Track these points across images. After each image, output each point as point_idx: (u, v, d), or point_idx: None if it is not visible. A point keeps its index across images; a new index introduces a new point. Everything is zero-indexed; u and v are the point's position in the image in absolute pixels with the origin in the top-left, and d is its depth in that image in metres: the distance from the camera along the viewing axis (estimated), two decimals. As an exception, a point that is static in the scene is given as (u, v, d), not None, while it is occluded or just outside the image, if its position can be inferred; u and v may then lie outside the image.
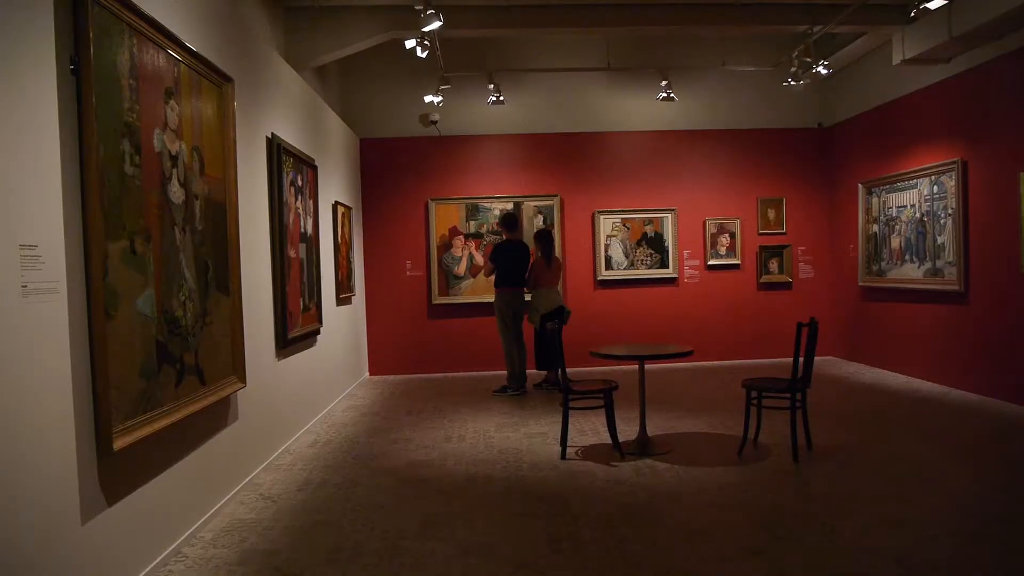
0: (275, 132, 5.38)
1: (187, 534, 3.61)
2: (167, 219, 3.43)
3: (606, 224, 9.31)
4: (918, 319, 7.79)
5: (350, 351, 8.17)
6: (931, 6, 5.81)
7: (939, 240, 7.37)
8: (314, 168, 6.50)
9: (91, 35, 2.76)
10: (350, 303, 8.17)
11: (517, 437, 5.70)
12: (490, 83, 8.55)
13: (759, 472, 4.61)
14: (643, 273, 9.35)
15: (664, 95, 8.53)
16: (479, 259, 9.07)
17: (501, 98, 8.59)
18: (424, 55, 6.55)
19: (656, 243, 9.36)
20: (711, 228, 9.41)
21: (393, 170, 9.17)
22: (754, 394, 5.01)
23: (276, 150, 5.32)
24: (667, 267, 9.37)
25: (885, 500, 4.02)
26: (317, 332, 6.48)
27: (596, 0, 7.08)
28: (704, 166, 9.47)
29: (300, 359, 5.96)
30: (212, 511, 3.94)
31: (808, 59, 7.58)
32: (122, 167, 3.01)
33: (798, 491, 4.28)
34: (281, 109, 5.70)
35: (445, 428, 6.10)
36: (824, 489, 4.27)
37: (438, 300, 9.14)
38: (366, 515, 3.99)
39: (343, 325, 7.78)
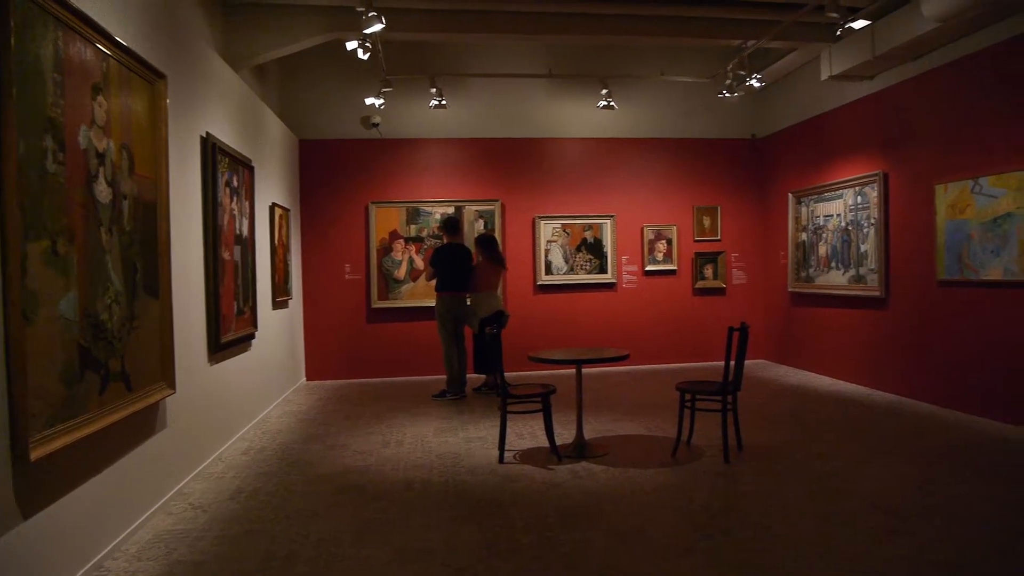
0: (210, 131, 5.26)
1: (110, 547, 3.48)
2: (92, 219, 3.31)
3: (547, 229, 9.39)
4: (843, 324, 8.11)
5: (286, 356, 8.02)
6: (855, 26, 6.07)
7: (862, 248, 7.70)
8: (251, 169, 6.37)
9: (12, 26, 2.65)
10: (287, 307, 8.02)
11: (456, 441, 5.70)
12: (432, 87, 8.53)
13: (692, 472, 4.73)
14: (583, 278, 9.47)
15: (604, 103, 8.67)
16: (420, 263, 9.03)
17: (443, 102, 8.58)
18: (366, 57, 6.48)
19: (595, 249, 9.50)
20: (649, 235, 9.60)
21: (333, 172, 9.06)
22: (688, 397, 5.14)
23: (211, 149, 5.20)
24: (606, 272, 9.51)
25: (810, 498, 4.17)
26: (252, 336, 6.34)
27: (539, 8, 7.14)
28: (642, 173, 9.66)
29: (233, 364, 5.82)
30: (138, 523, 3.81)
31: (742, 72, 7.81)
32: (44, 164, 2.90)
33: (729, 490, 4.40)
34: (217, 107, 5.57)
35: (383, 433, 6.04)
36: (754, 488, 4.40)
37: (378, 304, 9.05)
38: (300, 523, 3.92)
39: (279, 329, 7.63)
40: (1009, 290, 5.82)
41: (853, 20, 6.02)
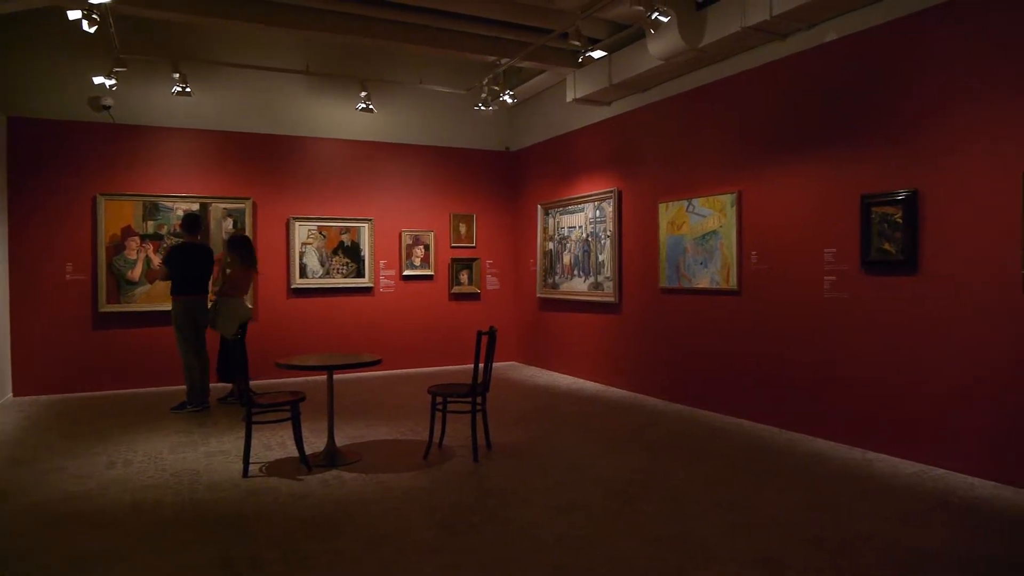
0: None
1: None
2: None
3: (302, 231, 9.07)
4: (584, 327, 8.84)
5: (-15, 368, 6.87)
6: (594, 56, 6.67)
7: (600, 258, 8.46)
8: (-64, 148, 5.38)
9: None
10: (-13, 311, 6.89)
11: (195, 457, 5.28)
12: (175, 72, 7.84)
13: (443, 474, 4.85)
14: (339, 282, 9.29)
15: (363, 106, 8.59)
16: (158, 263, 8.23)
17: (187, 89, 7.92)
18: (92, 30, 5.79)
19: (353, 252, 9.37)
20: (407, 240, 9.69)
21: (52, 157, 7.94)
22: (439, 400, 5.26)
23: None
24: (363, 277, 9.42)
25: (551, 489, 4.48)
26: (-64, 346, 5.35)
27: (295, 1, 6.88)
28: (401, 179, 9.73)
29: (-91, 380, 4.87)
30: None
31: (496, 88, 8.21)
32: None
33: (477, 488, 4.57)
34: None
35: (109, 453, 5.42)
36: (500, 485, 4.62)
37: (106, 308, 8.10)
38: (-4, 563, 3.38)
39: (-24, 337, 6.52)
40: (714, 296, 6.75)
41: (592, 50, 6.61)
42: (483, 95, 8.33)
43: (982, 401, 4.59)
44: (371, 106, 8.63)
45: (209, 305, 7.14)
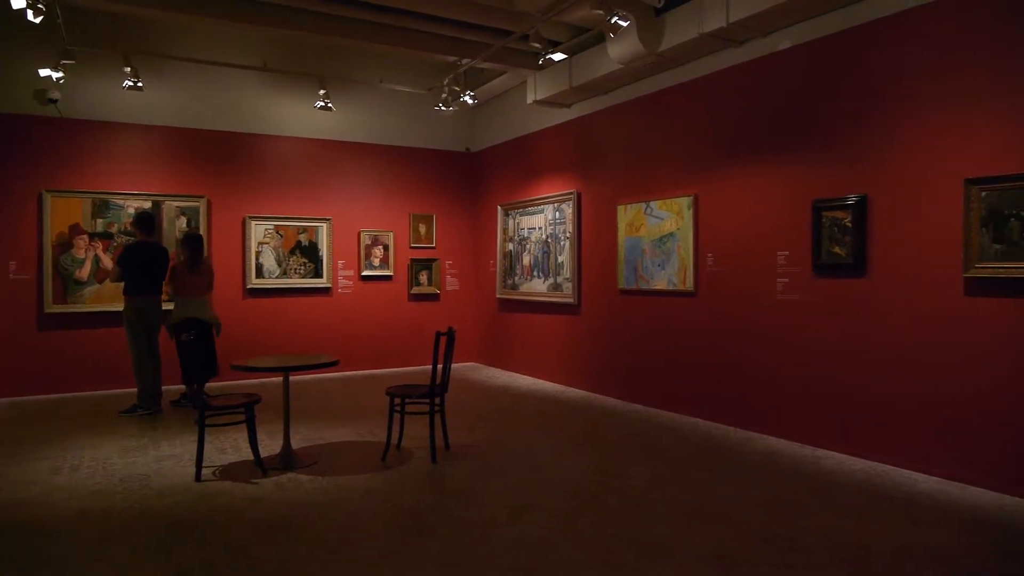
0: None
1: None
2: None
3: (258, 230, 8.92)
4: (543, 328, 8.87)
5: (-78, 371, 6.60)
6: (555, 58, 6.70)
7: (559, 259, 8.50)
8: None
9: None
10: (-76, 311, 6.62)
11: (146, 461, 5.15)
12: (127, 66, 7.63)
13: (401, 475, 4.81)
14: (297, 282, 9.16)
15: (321, 104, 8.49)
16: (107, 262, 8.00)
17: (139, 83, 7.72)
18: (38, 20, 5.60)
19: (311, 252, 9.24)
20: (366, 240, 9.60)
21: (-7, 152, 7.68)
22: (397, 401, 5.22)
23: None
24: (321, 277, 9.31)
25: (509, 490, 4.48)
26: None
27: (251, -4, 6.78)
28: (360, 178, 9.64)
29: None
30: None
31: (457, 88, 8.19)
32: None
33: (435, 490, 4.56)
34: None
35: (54, 458, 5.25)
36: (459, 486, 4.61)
37: (53, 308, 7.84)
38: (-68, 573, 3.25)
39: (-88, 338, 6.26)
40: (671, 298, 6.83)
41: (553, 52, 6.65)
42: (444, 95, 8.30)
43: (925, 399, 4.74)
44: (330, 104, 8.54)
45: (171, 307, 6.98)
